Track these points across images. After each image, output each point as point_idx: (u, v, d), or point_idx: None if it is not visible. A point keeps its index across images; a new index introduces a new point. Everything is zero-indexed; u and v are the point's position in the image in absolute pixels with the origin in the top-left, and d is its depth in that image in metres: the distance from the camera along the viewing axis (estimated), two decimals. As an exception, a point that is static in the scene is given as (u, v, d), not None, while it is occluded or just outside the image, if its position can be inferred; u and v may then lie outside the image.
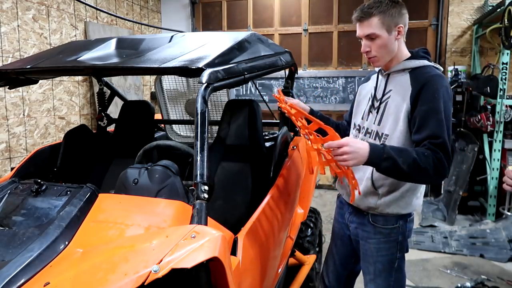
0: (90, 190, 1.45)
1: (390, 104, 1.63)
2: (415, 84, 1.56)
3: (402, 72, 1.64)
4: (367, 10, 1.58)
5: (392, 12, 1.57)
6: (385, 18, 1.56)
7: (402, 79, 1.62)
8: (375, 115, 1.69)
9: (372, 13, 1.57)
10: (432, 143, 1.45)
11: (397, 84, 1.63)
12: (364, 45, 1.63)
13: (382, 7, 1.56)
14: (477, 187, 4.60)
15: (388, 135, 1.62)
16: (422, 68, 1.60)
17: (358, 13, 1.61)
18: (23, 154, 3.70)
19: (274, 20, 5.82)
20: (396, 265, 1.71)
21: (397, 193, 1.64)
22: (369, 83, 1.84)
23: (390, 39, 1.59)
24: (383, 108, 1.65)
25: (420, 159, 1.42)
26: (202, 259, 1.03)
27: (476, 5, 4.88)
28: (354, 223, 1.80)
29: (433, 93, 1.51)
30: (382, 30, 1.57)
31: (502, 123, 4.13)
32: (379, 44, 1.59)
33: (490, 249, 3.56)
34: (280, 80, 5.64)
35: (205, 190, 1.26)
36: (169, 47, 1.85)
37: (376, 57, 1.63)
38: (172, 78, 3.26)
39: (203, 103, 1.37)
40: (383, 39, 1.58)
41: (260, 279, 1.65)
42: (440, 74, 1.58)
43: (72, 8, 4.30)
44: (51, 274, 1.11)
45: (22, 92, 3.68)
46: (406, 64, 1.63)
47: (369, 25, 1.58)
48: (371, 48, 1.61)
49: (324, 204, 4.90)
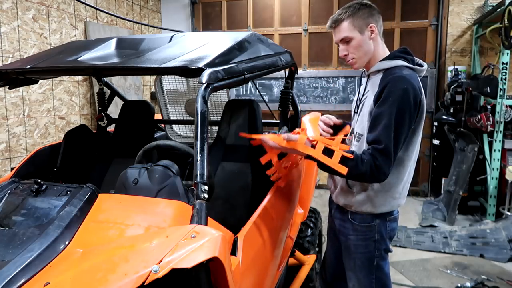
0: (90, 190, 1.45)
1: (365, 104, 1.68)
2: (381, 85, 1.59)
3: (378, 73, 1.67)
4: (336, 18, 1.68)
5: (361, 14, 1.64)
6: (355, 20, 1.64)
7: (376, 80, 1.65)
8: (356, 116, 1.75)
9: (342, 18, 1.66)
10: (374, 148, 1.49)
11: (373, 85, 1.66)
12: (341, 49, 1.70)
13: (350, 11, 1.65)
14: (477, 187, 4.60)
15: (362, 135, 1.67)
16: (393, 69, 1.61)
17: (330, 22, 1.70)
18: (23, 154, 3.70)
19: (274, 20, 5.83)
20: (375, 263, 1.73)
21: (371, 192, 1.66)
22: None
23: (364, 40, 1.65)
24: (360, 108, 1.72)
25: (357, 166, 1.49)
26: (202, 259, 1.03)
27: (476, 5, 4.87)
28: (337, 219, 1.85)
29: (389, 96, 1.52)
30: (354, 32, 1.64)
31: (502, 123, 4.13)
32: (354, 46, 1.66)
33: (490, 249, 3.56)
34: (280, 80, 5.64)
35: (205, 190, 1.26)
36: (169, 47, 1.85)
37: (354, 59, 1.69)
38: (172, 78, 3.26)
39: (203, 103, 1.37)
40: (357, 40, 1.65)
41: (260, 279, 1.66)
42: (405, 76, 1.54)
43: (72, 8, 4.30)
44: (51, 274, 1.11)
45: (22, 92, 3.68)
46: (380, 65, 1.66)
47: (341, 29, 1.66)
48: (348, 51, 1.68)
49: (324, 204, 4.90)
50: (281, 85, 5.59)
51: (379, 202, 1.66)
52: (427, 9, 5.24)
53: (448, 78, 4.83)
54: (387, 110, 1.50)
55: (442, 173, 4.83)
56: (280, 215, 2.01)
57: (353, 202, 1.70)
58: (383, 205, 1.67)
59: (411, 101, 1.51)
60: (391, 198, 1.67)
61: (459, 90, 4.48)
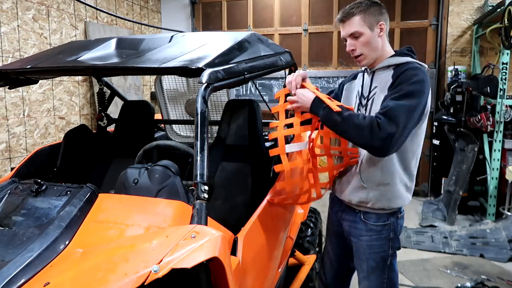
0: (90, 190, 1.45)
1: (376, 100, 1.67)
2: (394, 76, 1.61)
3: (387, 69, 1.68)
4: (348, 11, 1.66)
5: (372, 11, 1.64)
6: (366, 16, 1.63)
7: (386, 76, 1.66)
8: (363, 112, 1.73)
9: (354, 13, 1.64)
10: (380, 112, 1.50)
11: (382, 81, 1.67)
12: (349, 44, 1.67)
13: (362, 7, 1.64)
14: (477, 187, 4.60)
15: None
16: (404, 64, 1.64)
17: (340, 15, 1.69)
18: (23, 154, 3.70)
19: (274, 20, 5.82)
20: (388, 262, 1.73)
21: (383, 187, 1.66)
22: (356, 82, 1.86)
23: (373, 36, 1.65)
24: (370, 105, 1.70)
25: (357, 117, 1.49)
26: (202, 259, 1.03)
27: (476, 5, 4.87)
28: (346, 221, 1.82)
29: (404, 81, 1.54)
30: (365, 28, 1.63)
31: (502, 123, 4.13)
32: (363, 42, 1.65)
33: (490, 249, 3.56)
34: (280, 80, 5.64)
35: (205, 190, 1.26)
36: (169, 47, 1.85)
37: (362, 55, 1.67)
38: (172, 78, 3.25)
39: (203, 103, 1.37)
40: (367, 36, 1.64)
41: (260, 279, 1.66)
42: (420, 67, 1.61)
43: (72, 8, 4.30)
44: (51, 274, 1.11)
45: (22, 92, 3.68)
46: (390, 61, 1.67)
47: (352, 24, 1.64)
48: (356, 47, 1.66)
49: (324, 204, 4.87)
50: (281, 85, 5.59)
51: (394, 195, 1.66)
52: (427, 9, 5.24)
53: (448, 78, 4.83)
54: (401, 90, 1.52)
55: (442, 173, 4.83)
56: (280, 215, 2.01)
57: (369, 198, 1.68)
58: (398, 198, 1.67)
59: (426, 90, 1.56)
60: (403, 188, 1.67)
61: (459, 90, 4.48)
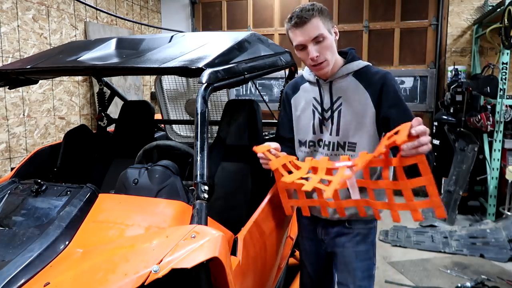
0: (90, 190, 1.45)
1: (344, 112, 1.56)
2: (371, 86, 1.53)
3: (346, 77, 1.57)
4: (306, 13, 1.46)
5: (326, 14, 1.50)
6: (325, 19, 1.49)
7: (349, 84, 1.56)
8: (329, 126, 1.60)
9: (313, 14, 1.46)
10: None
11: (347, 90, 1.56)
12: (313, 50, 1.48)
13: (317, 10, 1.47)
14: (477, 187, 4.60)
15: (356, 143, 1.56)
16: (365, 69, 1.58)
17: (296, 19, 1.47)
18: (23, 154, 3.70)
19: (274, 20, 5.82)
20: (373, 272, 1.70)
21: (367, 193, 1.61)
22: (303, 95, 1.70)
23: (333, 41, 1.52)
24: (337, 117, 1.57)
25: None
26: (202, 259, 1.03)
27: (476, 5, 4.87)
28: (329, 234, 1.71)
29: (395, 91, 1.53)
30: (325, 31, 1.48)
31: (502, 123, 4.13)
32: (327, 46, 1.49)
33: (490, 249, 3.56)
34: (280, 80, 5.64)
35: (205, 190, 1.27)
36: (169, 47, 1.85)
37: (326, 61, 1.51)
38: (172, 78, 3.26)
39: (203, 103, 1.38)
40: (329, 40, 1.49)
41: (260, 279, 1.66)
42: (387, 71, 1.59)
43: (72, 8, 4.30)
44: (51, 274, 1.11)
45: (22, 92, 3.68)
46: (349, 68, 1.57)
47: (315, 27, 1.46)
48: (320, 52, 1.48)
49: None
50: (281, 85, 5.59)
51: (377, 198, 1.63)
52: (427, 9, 5.24)
53: (448, 78, 4.83)
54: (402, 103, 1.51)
55: (442, 173, 4.83)
56: (280, 215, 2.01)
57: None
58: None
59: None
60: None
61: (459, 90, 4.48)
